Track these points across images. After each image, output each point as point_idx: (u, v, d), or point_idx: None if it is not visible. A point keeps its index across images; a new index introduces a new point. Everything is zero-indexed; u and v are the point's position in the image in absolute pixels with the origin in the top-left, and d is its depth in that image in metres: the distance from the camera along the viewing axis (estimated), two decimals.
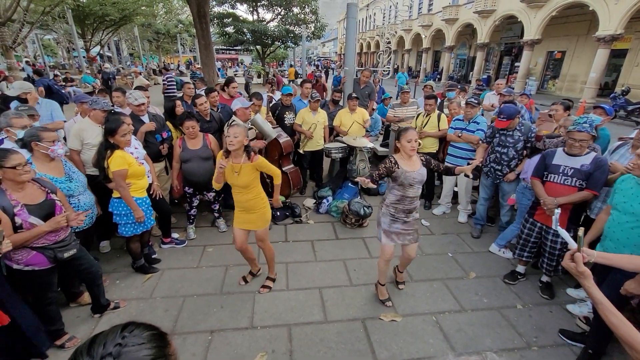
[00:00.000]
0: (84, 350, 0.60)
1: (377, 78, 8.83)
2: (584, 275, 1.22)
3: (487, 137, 3.86)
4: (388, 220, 2.75)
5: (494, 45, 24.06)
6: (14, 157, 2.03)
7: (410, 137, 2.55)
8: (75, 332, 2.56)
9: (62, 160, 2.72)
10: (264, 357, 2.40)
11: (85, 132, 3.16)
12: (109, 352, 0.58)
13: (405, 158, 2.63)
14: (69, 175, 2.69)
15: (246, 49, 24.51)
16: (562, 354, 2.48)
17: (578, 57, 18.23)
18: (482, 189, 4.08)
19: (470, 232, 4.18)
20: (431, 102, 4.58)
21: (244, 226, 2.88)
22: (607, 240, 2.37)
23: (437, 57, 31.80)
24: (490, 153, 3.84)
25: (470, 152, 4.16)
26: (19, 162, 2.03)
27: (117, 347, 0.60)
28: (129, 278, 3.23)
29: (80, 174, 2.85)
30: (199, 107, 4.06)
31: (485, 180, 4.00)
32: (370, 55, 43.81)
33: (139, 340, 0.63)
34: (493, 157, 3.78)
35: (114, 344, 0.60)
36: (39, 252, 2.17)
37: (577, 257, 1.24)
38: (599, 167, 2.60)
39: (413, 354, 2.47)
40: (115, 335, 0.63)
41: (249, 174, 2.68)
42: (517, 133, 3.60)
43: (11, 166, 2.00)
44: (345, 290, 3.14)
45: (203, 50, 8.47)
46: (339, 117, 5.05)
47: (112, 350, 0.59)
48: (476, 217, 4.18)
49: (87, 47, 23.16)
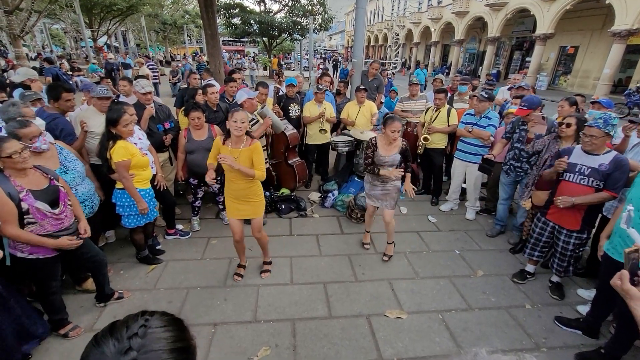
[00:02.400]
0: (106, 334, 0.61)
1: (385, 72, 8.65)
2: (629, 295, 1.12)
3: (506, 132, 3.72)
4: (368, 186, 3.41)
5: (504, 40, 23.58)
6: (6, 145, 1.97)
7: (394, 127, 2.95)
8: (79, 321, 2.56)
9: (58, 149, 2.61)
10: (267, 352, 2.38)
11: (88, 120, 3.11)
12: (135, 333, 0.60)
13: (385, 143, 3.11)
14: (65, 166, 2.58)
15: (253, 40, 24.34)
16: (572, 356, 2.41)
17: (592, 53, 17.78)
18: (501, 189, 3.94)
19: (486, 231, 4.09)
20: (441, 96, 4.46)
21: (237, 215, 2.85)
22: (616, 236, 2.29)
23: (446, 51, 31.29)
24: (509, 150, 3.71)
25: (480, 148, 4.05)
26: (14, 149, 1.97)
27: (142, 329, 0.61)
28: (133, 269, 3.22)
29: (78, 163, 2.73)
30: (209, 96, 4.02)
31: (504, 178, 3.85)
32: (377, 48, 43.27)
33: (162, 323, 0.64)
34: (512, 154, 3.65)
35: (138, 326, 0.62)
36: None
37: (623, 275, 1.15)
38: (619, 168, 2.47)
39: (419, 352, 2.42)
40: (137, 318, 0.64)
41: (247, 159, 2.67)
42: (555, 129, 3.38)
43: (6, 155, 1.96)
44: (350, 285, 3.10)
45: (210, 41, 8.37)
46: (347, 109, 4.96)
47: (138, 331, 0.60)
48: (497, 218, 4.06)
49: (95, 36, 23.18)
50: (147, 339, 0.60)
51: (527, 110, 3.38)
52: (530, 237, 3.10)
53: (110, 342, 0.59)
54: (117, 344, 0.59)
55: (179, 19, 32.41)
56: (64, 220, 2.23)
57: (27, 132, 2.28)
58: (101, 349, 0.58)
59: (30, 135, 2.29)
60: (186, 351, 0.64)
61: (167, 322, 0.66)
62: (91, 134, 3.11)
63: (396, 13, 35.64)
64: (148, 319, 0.64)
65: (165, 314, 0.68)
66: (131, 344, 0.58)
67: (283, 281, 3.12)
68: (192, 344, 0.68)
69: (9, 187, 1.98)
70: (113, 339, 0.60)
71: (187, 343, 0.66)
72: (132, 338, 0.59)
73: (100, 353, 0.58)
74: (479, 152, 4.06)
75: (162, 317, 0.66)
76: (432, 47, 30.58)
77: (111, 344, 0.59)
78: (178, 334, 0.65)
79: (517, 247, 3.68)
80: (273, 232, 3.90)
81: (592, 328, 2.58)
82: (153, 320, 0.64)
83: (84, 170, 2.77)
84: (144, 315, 0.66)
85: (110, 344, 0.59)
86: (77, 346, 2.37)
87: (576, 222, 2.73)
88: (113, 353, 0.57)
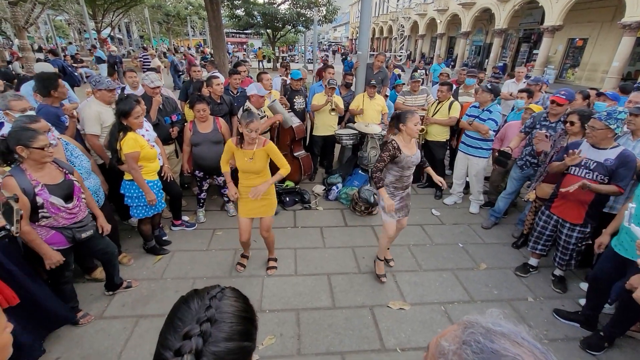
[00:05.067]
0: (192, 295, 0.74)
1: (390, 64, 8.57)
2: None
3: (525, 127, 3.64)
4: None
5: (512, 32, 23.19)
6: (41, 137, 2.01)
7: (417, 120, 2.66)
8: (89, 309, 2.63)
9: (63, 144, 2.62)
10: (272, 340, 2.43)
11: (103, 114, 3.12)
12: (214, 296, 0.72)
13: (406, 141, 2.73)
14: (71, 162, 2.58)
15: (256, 32, 24.14)
16: (573, 347, 2.45)
17: (600, 45, 17.45)
18: (509, 182, 3.91)
19: (481, 223, 4.10)
20: (444, 88, 4.44)
21: (250, 214, 2.86)
22: (622, 233, 2.30)
23: (451, 43, 30.85)
24: (527, 145, 3.64)
25: (482, 142, 4.03)
26: (46, 142, 2.02)
27: (220, 294, 0.74)
28: (140, 259, 3.28)
29: (84, 159, 2.75)
30: (214, 88, 4.00)
31: (516, 173, 3.81)
32: (382, 40, 42.76)
33: (234, 295, 0.77)
34: (529, 149, 3.59)
35: (216, 292, 0.74)
36: (58, 232, 2.20)
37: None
38: (625, 164, 2.45)
39: (421, 343, 2.46)
40: (214, 287, 0.77)
41: (262, 159, 2.70)
42: (561, 125, 3.33)
43: (39, 147, 1.99)
44: (354, 277, 3.14)
45: (214, 32, 8.34)
46: (357, 101, 4.95)
47: (217, 294, 0.73)
48: (493, 210, 4.06)
49: (98, 28, 23.12)
50: (222, 302, 0.72)
51: (565, 100, 3.33)
52: (533, 231, 3.11)
53: (195, 300, 0.73)
54: (200, 302, 0.72)
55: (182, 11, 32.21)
56: (78, 214, 2.27)
57: (38, 127, 2.23)
58: (187, 304, 0.72)
59: (41, 131, 2.25)
60: (250, 322, 0.75)
61: (237, 296, 0.78)
62: (106, 128, 3.06)
63: (402, 4, 35.11)
64: (224, 289, 0.77)
65: (236, 290, 0.80)
66: (211, 303, 0.71)
67: (287, 272, 3.16)
68: (255, 317, 0.79)
69: (25, 182, 2.00)
70: (198, 298, 0.73)
71: (251, 315, 0.77)
72: (212, 299, 0.72)
73: (187, 308, 0.71)
74: (480, 146, 4.05)
75: (234, 291, 0.79)
76: (437, 39, 30.16)
77: (196, 302, 0.72)
78: (245, 307, 0.77)
79: (520, 241, 3.69)
80: (277, 224, 3.93)
81: (589, 321, 2.60)
82: (227, 291, 0.77)
83: (89, 165, 2.80)
84: (221, 287, 0.78)
85: (195, 301, 0.72)
86: (88, 333, 2.44)
87: (579, 216, 2.73)
88: (197, 308, 0.70)
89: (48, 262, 2.14)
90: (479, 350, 0.51)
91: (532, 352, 0.51)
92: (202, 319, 0.67)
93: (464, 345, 0.53)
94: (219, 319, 0.69)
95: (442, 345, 0.57)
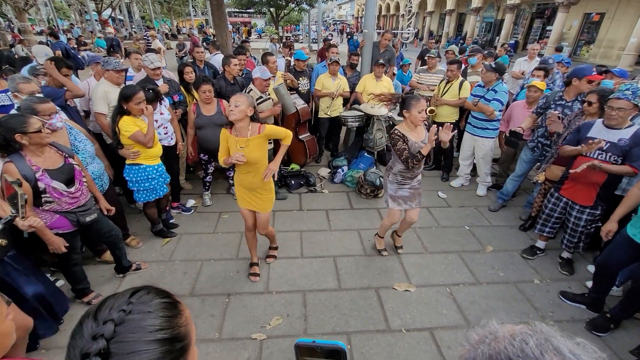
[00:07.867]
0: (91, 312, 0.57)
1: (397, 43, 8.31)
2: None
3: (538, 107, 3.51)
4: (395, 187, 2.85)
5: (524, 7, 22.21)
6: (33, 121, 2.00)
7: (422, 106, 2.54)
8: (101, 290, 2.70)
9: (67, 128, 2.59)
10: (279, 321, 2.48)
11: (110, 94, 3.13)
12: (112, 318, 0.55)
13: (411, 128, 2.65)
14: (75, 146, 2.58)
15: (259, 11, 23.48)
16: (579, 329, 2.46)
17: (618, 20, 16.66)
18: (519, 165, 3.81)
19: (488, 205, 4.06)
20: (453, 67, 4.29)
21: (248, 205, 2.64)
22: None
23: (461, 20, 29.72)
24: (539, 126, 3.52)
25: (488, 123, 3.92)
26: (40, 124, 2.01)
27: (121, 314, 0.56)
28: (149, 241, 3.33)
29: (88, 143, 2.72)
30: (231, 67, 4.03)
31: (526, 155, 3.70)
32: (389, 18, 41.38)
33: (146, 309, 0.59)
34: (542, 130, 3.46)
35: (118, 310, 0.56)
36: (62, 216, 2.23)
37: None
38: (639, 143, 2.37)
39: (426, 324, 2.49)
40: (123, 301, 0.59)
41: (257, 148, 2.39)
42: (578, 104, 3.23)
43: (35, 130, 1.98)
44: (360, 259, 3.16)
45: (215, 12, 8.11)
46: (363, 82, 4.82)
47: (115, 316, 0.55)
48: (501, 192, 4.00)
49: (99, 9, 22.72)
50: (123, 326, 0.54)
51: (600, 77, 3.23)
52: (542, 213, 3.07)
53: (89, 322, 0.55)
54: (95, 326, 0.54)
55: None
56: (80, 198, 2.29)
57: (45, 107, 2.29)
58: (81, 329, 0.55)
59: (48, 112, 2.31)
60: (170, 342, 0.58)
61: (154, 308, 0.59)
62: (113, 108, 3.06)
63: None
64: (132, 302, 0.58)
65: (160, 295, 0.62)
66: (104, 330, 0.53)
67: (293, 255, 3.19)
68: (180, 331, 0.61)
69: (25, 169, 2.00)
70: (91, 320, 0.55)
71: (172, 332, 0.59)
72: (106, 323, 0.53)
73: (80, 333, 0.54)
74: (485, 127, 3.95)
75: (153, 299, 0.61)
76: (446, 16, 29.08)
77: (90, 326, 0.54)
78: (162, 322, 0.58)
79: (527, 224, 3.65)
80: (283, 207, 3.95)
81: (596, 303, 2.59)
82: (137, 304, 0.58)
83: (93, 150, 2.81)
84: (132, 297, 0.60)
85: (89, 325, 0.55)
86: None
87: (590, 198, 2.68)
88: (86, 336, 0.53)
89: (51, 248, 2.18)
90: (520, 350, 0.46)
91: None
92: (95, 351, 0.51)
93: (510, 338, 0.48)
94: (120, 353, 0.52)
95: (494, 327, 0.52)
